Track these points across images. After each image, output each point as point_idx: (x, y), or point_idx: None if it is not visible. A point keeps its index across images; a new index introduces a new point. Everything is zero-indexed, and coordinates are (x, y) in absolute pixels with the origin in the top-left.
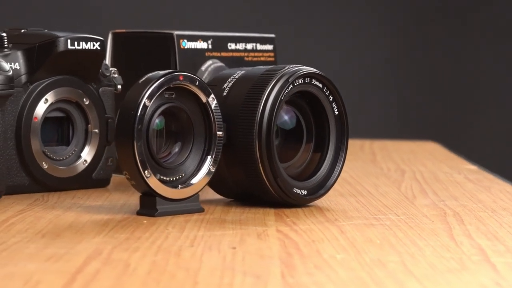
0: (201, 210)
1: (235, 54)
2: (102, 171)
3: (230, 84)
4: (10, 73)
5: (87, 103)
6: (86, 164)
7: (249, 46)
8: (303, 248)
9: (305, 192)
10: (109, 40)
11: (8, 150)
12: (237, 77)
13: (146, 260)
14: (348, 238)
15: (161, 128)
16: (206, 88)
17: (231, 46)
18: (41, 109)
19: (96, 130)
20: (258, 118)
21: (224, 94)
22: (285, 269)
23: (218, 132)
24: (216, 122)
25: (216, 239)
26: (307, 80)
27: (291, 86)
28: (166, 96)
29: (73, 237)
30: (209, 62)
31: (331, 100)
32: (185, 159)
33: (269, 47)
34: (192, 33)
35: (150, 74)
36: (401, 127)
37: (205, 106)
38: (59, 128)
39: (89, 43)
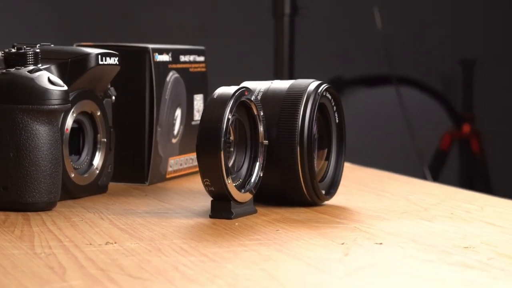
0: (255, 211)
1: (184, 65)
2: (104, 178)
3: (259, 97)
4: (66, 87)
5: (98, 114)
6: (97, 172)
7: (191, 58)
8: (433, 239)
9: (324, 191)
10: None
11: None
12: (263, 90)
13: (338, 258)
14: (433, 231)
15: None
16: (258, 102)
17: (182, 58)
18: (70, 121)
19: (104, 139)
20: (299, 128)
21: None
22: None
23: (264, 141)
24: (263, 132)
25: (344, 235)
26: (325, 93)
27: (319, 98)
28: None
29: (217, 241)
30: (170, 74)
31: (335, 109)
32: (241, 165)
33: (202, 58)
34: (160, 46)
35: (220, 90)
36: None
37: (255, 118)
38: (71, 138)
39: (112, 58)
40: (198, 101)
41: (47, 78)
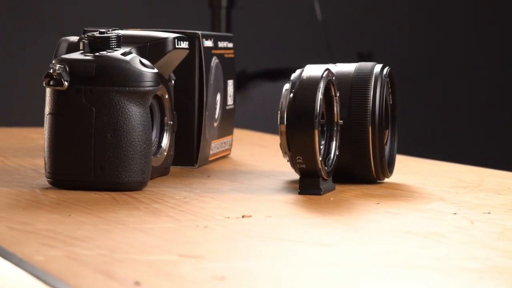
0: (334, 188)
1: (221, 51)
2: (168, 160)
3: None
4: (156, 70)
5: (166, 97)
6: (165, 154)
7: (224, 44)
8: None
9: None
10: None
11: None
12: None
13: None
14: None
15: None
16: (336, 83)
17: (220, 44)
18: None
19: (171, 122)
20: (371, 108)
21: None
22: None
23: (340, 121)
24: (339, 112)
25: (443, 206)
26: (387, 76)
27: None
28: None
29: (339, 214)
30: (213, 59)
31: (390, 92)
32: (320, 145)
33: (231, 45)
34: (205, 32)
35: (308, 72)
36: None
37: (331, 99)
38: None
39: (184, 42)
40: (230, 86)
41: (139, 61)
